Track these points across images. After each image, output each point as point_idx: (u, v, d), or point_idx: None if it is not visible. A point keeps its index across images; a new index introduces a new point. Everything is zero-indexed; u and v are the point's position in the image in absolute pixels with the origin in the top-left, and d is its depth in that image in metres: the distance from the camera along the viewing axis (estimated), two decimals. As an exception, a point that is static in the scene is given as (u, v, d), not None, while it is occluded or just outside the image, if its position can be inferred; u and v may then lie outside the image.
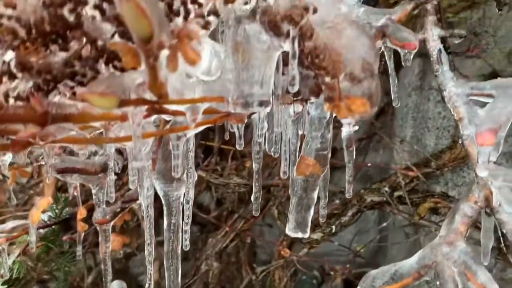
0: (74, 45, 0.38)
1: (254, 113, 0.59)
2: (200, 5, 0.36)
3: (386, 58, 0.75)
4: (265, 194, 1.62)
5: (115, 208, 1.03)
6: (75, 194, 1.03)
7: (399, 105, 0.77)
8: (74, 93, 0.41)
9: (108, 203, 1.01)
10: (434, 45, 0.73)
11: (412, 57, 0.69)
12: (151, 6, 0.29)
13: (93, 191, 1.00)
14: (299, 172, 0.70)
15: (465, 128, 0.66)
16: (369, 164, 1.63)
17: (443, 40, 0.74)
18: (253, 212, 0.73)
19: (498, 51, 1.74)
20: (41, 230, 1.17)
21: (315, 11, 0.46)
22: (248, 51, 0.50)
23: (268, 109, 0.52)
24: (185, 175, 0.72)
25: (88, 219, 1.09)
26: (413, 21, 0.93)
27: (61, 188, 1.32)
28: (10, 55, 0.37)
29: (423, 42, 0.75)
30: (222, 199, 1.87)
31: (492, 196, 0.61)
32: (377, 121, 1.99)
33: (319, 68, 0.47)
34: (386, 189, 1.59)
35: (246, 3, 0.48)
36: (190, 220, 0.74)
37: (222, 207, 1.91)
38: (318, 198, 0.77)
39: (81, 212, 1.04)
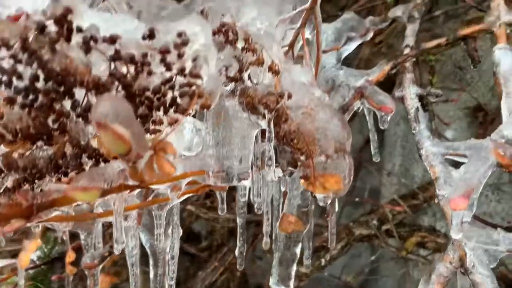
0: (58, 144, 0.40)
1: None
2: (178, 105, 0.38)
3: (366, 114, 0.77)
4: (254, 227, 1.64)
5: (104, 252, 1.04)
6: (64, 238, 1.04)
7: (378, 160, 0.80)
8: (59, 179, 0.44)
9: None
10: (412, 104, 0.76)
11: (389, 118, 0.72)
12: (127, 126, 0.32)
13: (82, 236, 1.01)
14: (282, 229, 0.72)
15: (440, 187, 0.68)
16: (356, 199, 1.65)
17: (420, 97, 0.77)
18: (237, 267, 0.75)
19: (483, 84, 1.78)
20: (30, 271, 1.18)
21: (289, 97, 0.48)
22: (228, 128, 0.52)
23: (248, 182, 0.54)
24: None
25: (76, 262, 1.09)
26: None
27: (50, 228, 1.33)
28: (-4, 153, 0.39)
29: (401, 100, 0.78)
30: (213, 230, 1.88)
31: (466, 257, 0.63)
32: (365, 150, 2.02)
33: (294, 149, 0.49)
34: (375, 222, 1.61)
35: (225, 85, 0.50)
36: (175, 274, 0.75)
37: (213, 236, 1.92)
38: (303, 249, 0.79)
39: (70, 256, 1.05)
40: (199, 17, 0.35)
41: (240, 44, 0.45)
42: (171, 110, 0.38)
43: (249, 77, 0.48)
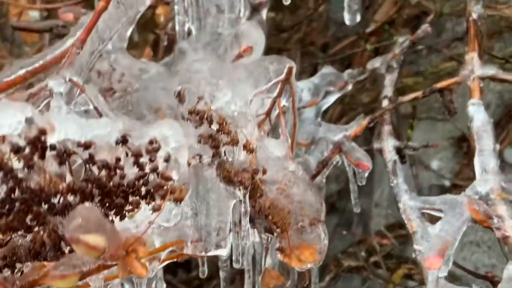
0: (37, 233, 0.41)
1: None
2: (152, 197, 0.39)
3: (346, 166, 0.79)
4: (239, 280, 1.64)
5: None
6: None
7: (359, 210, 0.81)
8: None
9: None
10: (390, 157, 0.78)
11: (366, 175, 0.73)
12: (100, 231, 0.33)
13: None
14: (264, 283, 0.73)
15: (417, 242, 0.70)
16: (344, 232, 1.67)
17: (398, 150, 0.79)
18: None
19: (467, 115, 1.81)
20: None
21: (264, 173, 0.50)
22: (206, 199, 0.54)
23: (226, 251, 0.56)
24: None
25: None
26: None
27: None
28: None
29: (380, 152, 0.80)
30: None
31: (443, 314, 0.64)
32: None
33: (270, 222, 0.51)
34: (363, 253, 1.63)
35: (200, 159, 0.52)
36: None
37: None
38: None
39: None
40: (171, 122, 0.37)
41: (215, 126, 0.47)
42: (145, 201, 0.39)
43: (225, 153, 0.49)
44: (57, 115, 0.34)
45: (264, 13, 0.92)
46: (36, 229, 0.40)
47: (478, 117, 0.74)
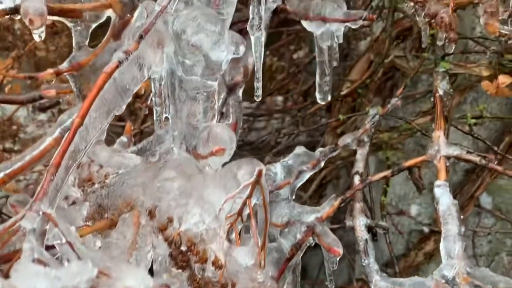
0: None
1: None
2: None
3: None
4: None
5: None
6: None
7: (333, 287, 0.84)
8: None
9: None
10: (361, 235, 0.81)
11: (338, 259, 0.76)
12: None
13: None
14: None
15: (388, 323, 0.72)
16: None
17: (369, 229, 0.82)
18: None
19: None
20: None
21: (233, 286, 0.52)
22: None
23: None
24: None
25: None
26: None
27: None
28: None
29: (352, 229, 0.83)
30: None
31: None
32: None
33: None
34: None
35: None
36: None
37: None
38: None
39: None
40: (142, 271, 0.39)
41: (184, 247, 0.49)
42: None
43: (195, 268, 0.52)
44: (24, 272, 0.36)
45: (240, 93, 0.95)
46: None
47: (444, 201, 0.77)
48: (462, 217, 1.66)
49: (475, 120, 1.17)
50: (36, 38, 0.62)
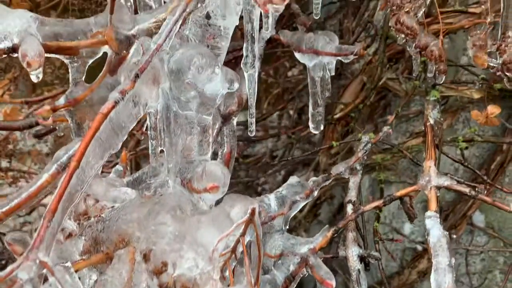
0: None
1: None
2: None
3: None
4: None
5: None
6: None
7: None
8: None
9: None
10: (354, 265, 0.82)
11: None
12: None
13: None
14: None
15: None
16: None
17: (362, 258, 0.83)
18: None
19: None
20: None
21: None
22: None
23: None
24: None
25: None
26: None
27: None
28: None
29: (345, 259, 0.84)
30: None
31: None
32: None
33: None
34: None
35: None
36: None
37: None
38: None
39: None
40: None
41: (178, 292, 0.50)
42: None
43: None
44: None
45: (234, 121, 0.97)
46: None
47: (434, 232, 0.78)
48: (455, 236, 1.68)
49: (466, 144, 1.19)
50: (34, 78, 0.64)
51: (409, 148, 1.36)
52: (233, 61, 1.33)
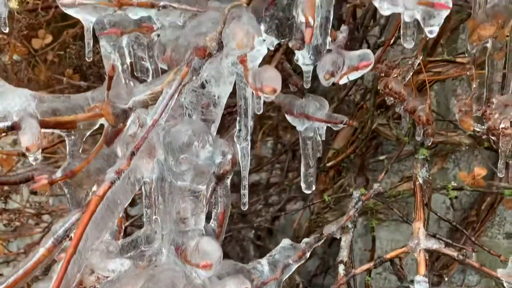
0: None
1: None
2: None
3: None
4: None
5: None
6: None
7: None
8: None
9: None
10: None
11: None
12: None
13: None
14: None
15: None
16: None
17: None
18: None
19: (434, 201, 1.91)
20: None
21: None
22: None
23: None
24: None
25: None
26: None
27: None
28: None
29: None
30: None
31: None
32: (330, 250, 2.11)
33: None
34: None
35: None
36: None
37: None
38: None
39: None
40: None
41: None
42: None
43: None
44: None
45: (228, 180, 0.98)
46: None
47: (423, 299, 0.80)
48: (446, 278, 1.69)
49: (456, 194, 1.21)
50: (31, 160, 0.65)
51: (400, 194, 1.39)
52: (227, 115, 1.36)
